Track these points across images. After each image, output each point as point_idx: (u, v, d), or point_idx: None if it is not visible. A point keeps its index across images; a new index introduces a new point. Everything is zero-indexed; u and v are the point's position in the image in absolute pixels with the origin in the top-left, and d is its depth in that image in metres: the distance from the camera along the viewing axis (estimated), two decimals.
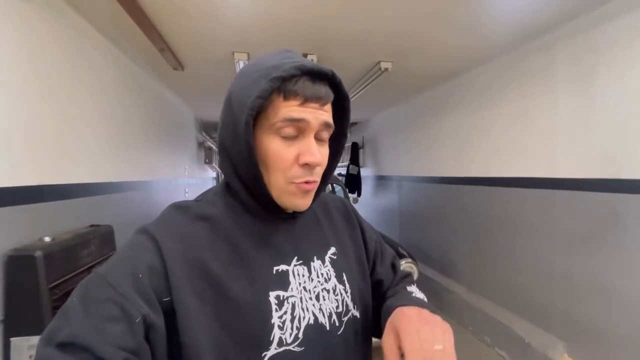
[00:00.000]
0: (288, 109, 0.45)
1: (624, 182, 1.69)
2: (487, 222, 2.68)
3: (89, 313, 0.38)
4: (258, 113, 0.46)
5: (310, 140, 0.47)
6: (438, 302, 3.18)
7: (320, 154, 0.48)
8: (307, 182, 0.48)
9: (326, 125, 0.48)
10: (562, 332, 2.04)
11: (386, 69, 2.55)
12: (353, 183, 5.36)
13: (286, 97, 0.45)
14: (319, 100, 0.46)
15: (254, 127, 0.47)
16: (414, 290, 0.60)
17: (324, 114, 0.47)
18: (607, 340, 1.77)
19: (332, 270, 0.54)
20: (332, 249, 0.57)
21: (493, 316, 2.48)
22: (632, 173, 1.65)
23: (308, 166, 0.47)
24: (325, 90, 0.47)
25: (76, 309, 0.39)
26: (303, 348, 0.47)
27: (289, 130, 0.46)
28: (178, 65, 2.52)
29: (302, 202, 0.50)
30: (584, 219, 1.90)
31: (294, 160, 0.47)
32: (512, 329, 2.27)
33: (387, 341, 0.44)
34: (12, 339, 1.22)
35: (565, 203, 2.01)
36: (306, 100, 0.46)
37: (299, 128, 0.46)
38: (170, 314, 0.42)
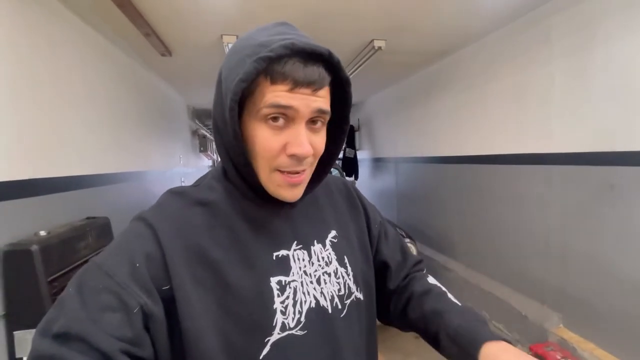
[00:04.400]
0: (274, 94, 0.41)
1: (618, 154, 1.68)
2: (483, 199, 2.70)
3: (85, 303, 0.38)
4: (245, 96, 0.43)
5: (299, 130, 0.43)
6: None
7: (311, 143, 0.44)
8: (294, 173, 0.45)
9: (320, 112, 0.44)
10: (557, 305, 2.09)
11: (379, 48, 2.49)
12: (350, 166, 5.35)
13: (273, 80, 0.41)
14: (310, 85, 0.42)
15: (242, 111, 0.44)
16: (445, 290, 0.60)
17: (317, 100, 0.43)
18: (601, 311, 1.81)
19: (332, 253, 0.53)
20: (333, 232, 0.55)
21: (490, 291, 2.54)
22: (625, 145, 1.65)
23: (296, 156, 0.44)
24: (319, 73, 0.42)
25: (73, 300, 0.38)
26: (305, 332, 0.47)
27: (277, 117, 0.42)
28: (165, 51, 2.45)
29: (290, 194, 0.47)
30: (579, 192, 1.91)
31: (281, 149, 0.44)
32: (509, 303, 2.32)
33: None
34: (15, 332, 1.23)
35: (560, 177, 2.02)
36: (296, 85, 0.41)
37: (288, 115, 0.43)
38: (170, 302, 0.41)
